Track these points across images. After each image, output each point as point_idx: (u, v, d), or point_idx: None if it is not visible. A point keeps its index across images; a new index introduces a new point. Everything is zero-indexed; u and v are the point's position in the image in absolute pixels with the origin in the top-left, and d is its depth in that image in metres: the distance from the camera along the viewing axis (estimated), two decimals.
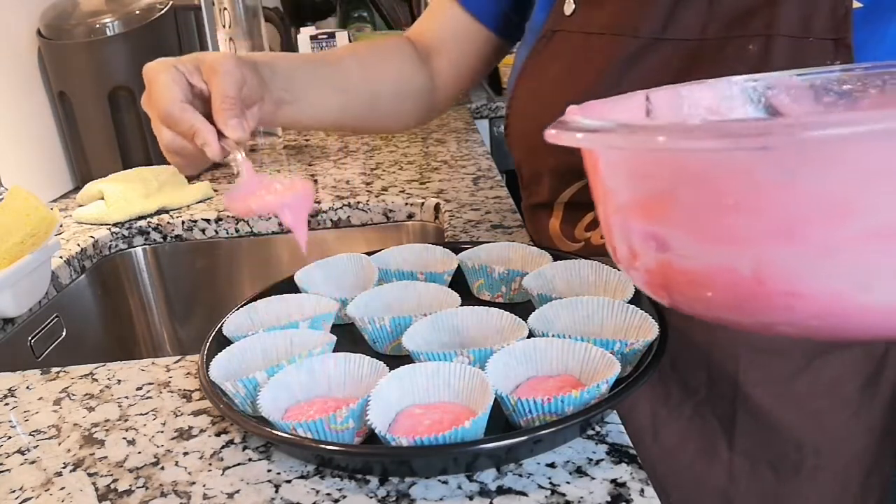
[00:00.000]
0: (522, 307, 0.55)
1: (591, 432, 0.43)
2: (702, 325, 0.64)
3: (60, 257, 0.85)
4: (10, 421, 0.50)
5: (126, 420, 0.49)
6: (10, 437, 0.48)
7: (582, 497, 0.38)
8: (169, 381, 0.54)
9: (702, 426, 0.65)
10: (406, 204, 0.97)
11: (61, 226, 0.95)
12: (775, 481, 0.64)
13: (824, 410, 0.64)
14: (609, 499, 0.38)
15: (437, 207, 0.95)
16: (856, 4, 0.50)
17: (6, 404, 0.53)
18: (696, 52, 0.55)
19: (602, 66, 0.59)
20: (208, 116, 0.53)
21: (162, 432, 0.47)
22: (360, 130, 1.28)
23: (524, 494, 0.39)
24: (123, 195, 0.97)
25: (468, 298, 0.60)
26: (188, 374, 0.55)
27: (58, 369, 0.57)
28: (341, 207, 0.97)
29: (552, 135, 0.29)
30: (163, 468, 0.44)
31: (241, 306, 0.58)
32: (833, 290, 0.25)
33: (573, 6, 0.61)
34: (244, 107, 0.54)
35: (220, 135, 0.52)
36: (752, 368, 0.62)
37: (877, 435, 0.66)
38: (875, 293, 0.24)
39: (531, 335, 0.49)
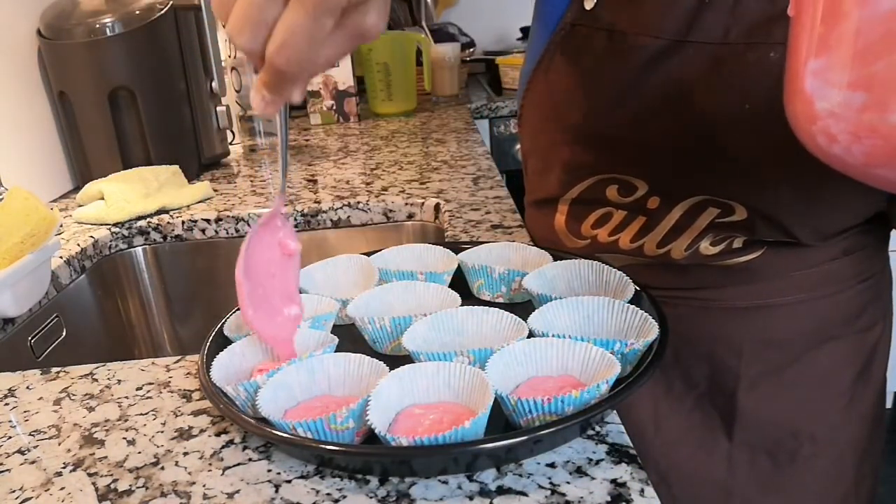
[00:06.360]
0: (522, 307, 0.55)
1: (591, 432, 0.43)
2: (709, 320, 0.65)
3: (60, 257, 0.85)
4: (10, 421, 0.50)
5: (126, 420, 0.49)
6: (10, 437, 0.48)
7: (582, 497, 0.38)
8: (169, 381, 0.54)
9: (702, 419, 0.66)
10: (406, 204, 0.97)
11: (61, 226, 0.95)
12: (773, 470, 0.65)
13: (819, 400, 0.65)
14: (609, 499, 0.38)
15: (437, 207, 0.95)
16: None
17: (6, 404, 0.53)
18: (718, 56, 0.54)
19: (622, 66, 0.59)
20: None
21: (162, 432, 0.47)
22: None
23: (524, 494, 0.39)
24: (123, 195, 0.97)
25: (468, 298, 0.60)
26: (188, 374, 0.55)
27: (58, 369, 0.57)
28: (341, 207, 0.97)
29: None
30: (163, 468, 0.44)
31: None
32: None
33: (593, 2, 0.59)
34: None
35: None
36: (754, 361, 0.63)
37: (869, 423, 0.68)
38: None
39: (531, 335, 0.49)
